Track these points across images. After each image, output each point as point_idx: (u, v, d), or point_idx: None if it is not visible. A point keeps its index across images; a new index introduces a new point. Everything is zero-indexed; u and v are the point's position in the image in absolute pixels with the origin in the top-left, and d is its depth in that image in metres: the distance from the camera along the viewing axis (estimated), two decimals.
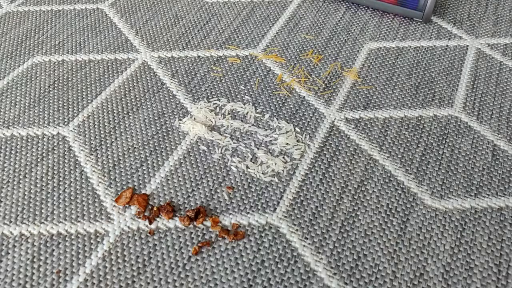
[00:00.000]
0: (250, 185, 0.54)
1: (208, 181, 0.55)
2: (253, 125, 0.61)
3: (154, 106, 0.63)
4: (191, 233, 0.50)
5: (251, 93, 0.65)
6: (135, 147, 0.58)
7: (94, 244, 0.49)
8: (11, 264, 0.47)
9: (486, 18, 0.79)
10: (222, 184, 0.54)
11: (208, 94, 0.64)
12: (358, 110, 0.63)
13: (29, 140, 0.59)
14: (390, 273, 0.47)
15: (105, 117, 0.61)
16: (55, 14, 0.78)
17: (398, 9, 0.74)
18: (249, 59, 0.70)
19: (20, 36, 0.74)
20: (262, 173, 0.55)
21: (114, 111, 0.62)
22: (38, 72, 0.68)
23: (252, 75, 0.67)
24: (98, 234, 0.49)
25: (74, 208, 0.52)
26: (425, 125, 0.61)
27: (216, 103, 0.63)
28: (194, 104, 0.63)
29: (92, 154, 0.57)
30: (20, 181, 0.54)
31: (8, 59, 0.70)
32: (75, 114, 0.62)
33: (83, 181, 0.54)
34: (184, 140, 0.59)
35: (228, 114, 0.62)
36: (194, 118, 0.61)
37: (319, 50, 0.72)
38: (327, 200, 0.53)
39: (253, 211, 0.52)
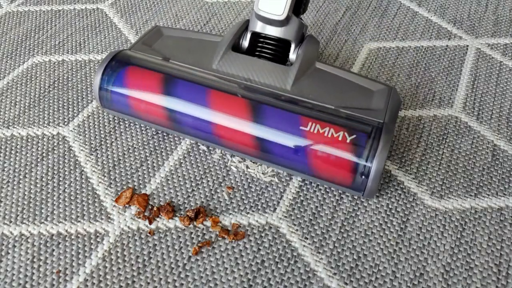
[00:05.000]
0: (250, 185, 0.54)
1: (208, 181, 0.55)
2: None
3: None
4: (191, 233, 0.50)
5: None
6: (135, 147, 0.58)
7: (94, 244, 0.49)
8: (11, 264, 0.47)
9: (486, 18, 0.79)
10: (222, 184, 0.54)
11: None
12: None
13: (29, 140, 0.59)
14: (390, 273, 0.47)
15: (105, 117, 0.61)
16: (55, 14, 0.78)
17: (328, 184, 0.52)
18: None
19: (20, 36, 0.74)
20: (262, 173, 0.55)
21: None
22: (38, 72, 0.68)
23: None
24: (98, 234, 0.49)
25: (74, 208, 0.52)
26: (425, 125, 0.61)
27: None
28: None
29: (92, 154, 0.57)
30: (20, 181, 0.54)
31: (8, 59, 0.70)
32: (75, 114, 0.62)
33: (83, 181, 0.54)
34: (184, 140, 0.59)
35: None
36: None
37: (319, 50, 0.72)
38: (327, 200, 0.53)
39: (253, 211, 0.52)
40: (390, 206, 0.52)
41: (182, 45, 0.59)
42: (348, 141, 0.48)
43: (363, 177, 0.48)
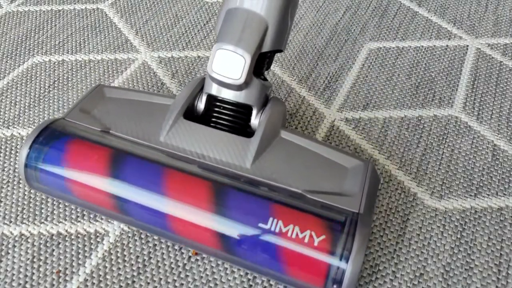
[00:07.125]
0: None
1: None
2: None
3: None
4: None
5: None
6: None
7: (94, 244, 0.49)
8: (11, 264, 0.47)
9: (486, 18, 0.79)
10: None
11: None
12: (358, 110, 0.63)
13: None
14: (390, 273, 0.47)
15: None
16: (55, 14, 0.78)
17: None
18: None
19: (20, 36, 0.74)
20: None
21: None
22: (38, 72, 0.68)
23: None
24: (98, 234, 0.49)
25: (74, 208, 0.52)
26: (425, 125, 0.61)
27: None
28: None
29: None
30: (20, 181, 0.54)
31: (8, 59, 0.70)
32: None
33: None
34: None
35: None
36: None
37: (319, 50, 0.72)
38: None
39: None
40: (390, 206, 0.52)
41: (126, 110, 0.51)
42: (315, 243, 0.40)
43: (335, 286, 0.40)
